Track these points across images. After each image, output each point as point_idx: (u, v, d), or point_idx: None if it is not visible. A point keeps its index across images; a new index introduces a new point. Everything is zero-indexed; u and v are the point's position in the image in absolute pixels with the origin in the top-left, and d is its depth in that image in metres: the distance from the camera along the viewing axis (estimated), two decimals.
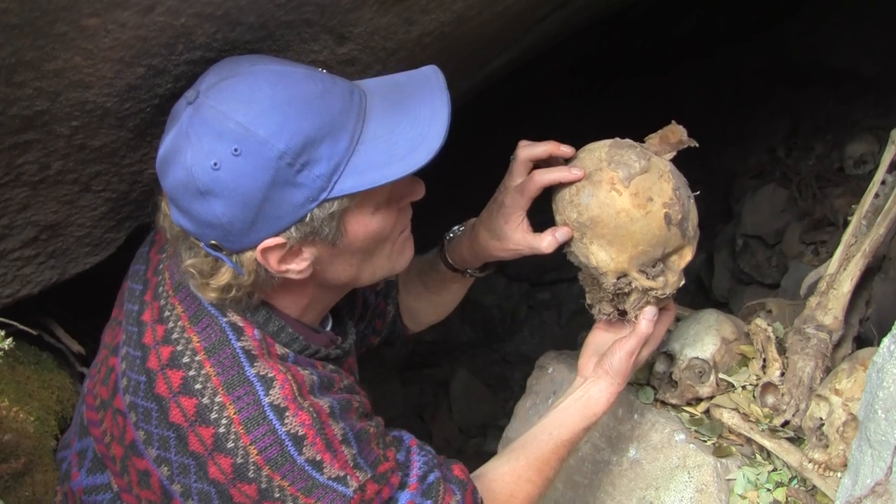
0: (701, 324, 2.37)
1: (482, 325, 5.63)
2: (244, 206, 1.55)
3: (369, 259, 1.77)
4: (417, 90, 1.68)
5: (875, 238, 2.28)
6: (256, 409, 1.63)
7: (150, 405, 1.69)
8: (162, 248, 1.87)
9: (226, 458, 1.62)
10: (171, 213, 1.65)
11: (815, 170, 4.22)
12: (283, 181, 1.55)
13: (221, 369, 1.66)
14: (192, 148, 1.54)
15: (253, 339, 1.70)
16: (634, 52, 5.60)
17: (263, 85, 1.57)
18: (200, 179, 1.54)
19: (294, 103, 1.56)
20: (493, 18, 2.25)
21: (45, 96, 1.58)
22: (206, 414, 1.64)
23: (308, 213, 1.59)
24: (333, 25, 1.85)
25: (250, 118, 1.53)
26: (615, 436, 2.32)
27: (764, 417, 2.24)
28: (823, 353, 2.23)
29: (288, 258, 1.65)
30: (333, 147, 1.57)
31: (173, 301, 1.75)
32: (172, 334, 1.71)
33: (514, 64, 3.17)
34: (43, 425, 2.11)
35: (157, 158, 1.62)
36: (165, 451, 1.67)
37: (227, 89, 1.57)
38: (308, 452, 1.63)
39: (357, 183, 1.58)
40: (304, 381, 1.70)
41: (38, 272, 2.06)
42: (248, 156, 1.53)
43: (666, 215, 1.90)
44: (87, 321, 2.61)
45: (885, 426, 1.76)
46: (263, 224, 1.58)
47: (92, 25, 1.48)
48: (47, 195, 1.85)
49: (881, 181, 2.38)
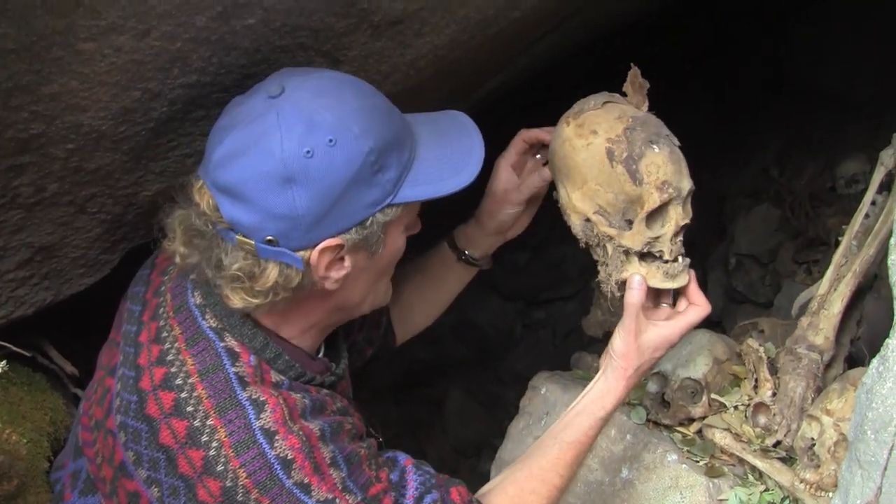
0: (693, 344, 2.39)
1: (476, 344, 5.63)
2: (324, 198, 1.60)
3: (378, 283, 1.86)
4: (454, 126, 1.85)
5: (865, 258, 2.29)
6: (247, 432, 1.65)
7: (140, 426, 1.70)
8: (164, 270, 1.89)
9: (215, 480, 1.62)
10: (222, 207, 1.63)
11: (807, 189, 4.24)
12: (363, 179, 1.62)
13: (213, 392, 1.68)
14: (284, 136, 1.58)
15: (248, 366, 1.72)
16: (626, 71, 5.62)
17: (348, 88, 1.68)
18: (290, 166, 1.57)
19: (376, 110, 1.68)
20: (486, 42, 2.27)
21: (41, 120, 1.60)
22: (196, 436, 1.65)
23: (371, 216, 1.67)
24: (328, 49, 1.87)
25: (342, 114, 1.61)
26: (608, 456, 2.33)
27: (756, 437, 2.24)
28: (815, 374, 2.24)
29: (333, 264, 1.70)
30: (400, 157, 1.69)
31: (172, 322, 1.77)
32: (168, 356, 1.73)
33: (510, 84, 3.19)
34: (36, 447, 2.11)
35: (218, 153, 1.62)
36: (155, 472, 1.68)
37: (315, 87, 1.64)
38: (296, 476, 1.64)
39: (414, 193, 1.71)
40: (295, 404, 1.71)
41: (33, 293, 2.06)
42: (342, 147, 1.59)
43: (608, 150, 1.88)
44: (81, 341, 2.62)
45: (874, 447, 1.77)
46: (332, 221, 1.63)
47: (88, 50, 1.49)
48: (42, 217, 1.86)
49: (871, 202, 2.40)
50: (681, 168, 1.90)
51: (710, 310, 1.97)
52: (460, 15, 2.03)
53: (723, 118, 5.33)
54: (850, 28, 4.64)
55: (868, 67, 4.52)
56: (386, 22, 1.89)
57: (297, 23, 1.72)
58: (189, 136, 1.89)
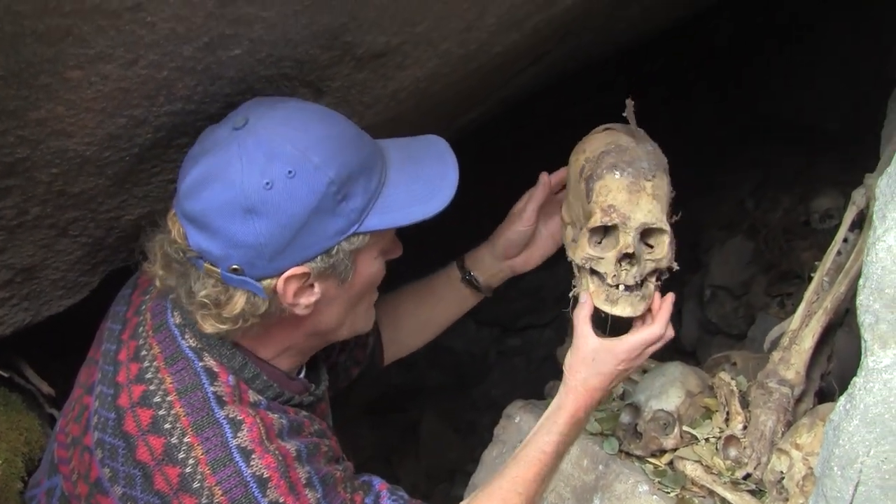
0: (666, 376, 2.41)
1: (451, 370, 5.63)
2: (285, 228, 1.61)
3: (354, 309, 1.85)
4: (427, 150, 1.84)
5: (836, 295, 2.33)
6: (223, 450, 1.66)
7: (117, 442, 1.70)
8: (146, 290, 1.90)
9: (191, 497, 1.64)
10: (189, 237, 1.66)
11: (782, 223, 4.28)
12: (325, 208, 1.63)
13: (191, 410, 1.69)
14: (245, 168, 1.59)
15: (226, 385, 1.73)
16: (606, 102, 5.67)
17: (314, 116, 1.70)
18: (250, 197, 1.59)
19: (341, 138, 1.68)
20: (467, 75, 2.30)
21: (27, 144, 1.61)
22: (173, 453, 1.66)
23: (336, 244, 1.67)
24: (311, 80, 1.89)
25: (305, 146, 1.62)
26: (580, 486, 2.34)
27: (726, 470, 2.26)
28: (785, 408, 2.27)
29: (301, 291, 1.70)
30: (367, 185, 1.69)
31: (151, 341, 1.78)
32: (146, 374, 1.74)
33: (489, 116, 3.21)
34: (10, 467, 2.11)
35: (185, 183, 1.65)
36: (131, 489, 1.68)
37: (280, 118, 1.66)
38: (271, 495, 1.65)
39: (382, 221, 1.71)
40: (272, 424, 1.73)
41: (12, 314, 2.06)
42: (302, 178, 1.60)
43: (581, 167, 2.00)
44: (59, 361, 2.61)
45: (840, 483, 1.80)
46: (295, 250, 1.64)
47: (75, 77, 1.51)
48: (24, 239, 1.87)
49: (843, 239, 2.43)
50: (637, 200, 1.93)
51: (663, 334, 1.97)
52: (442, 49, 2.06)
53: (699, 151, 5.37)
54: (825, 65, 4.71)
55: (842, 104, 4.59)
56: (369, 55, 1.91)
57: (281, 54, 1.74)
58: (172, 163, 1.91)
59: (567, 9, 2.29)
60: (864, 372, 1.81)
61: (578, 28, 2.63)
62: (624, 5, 2.77)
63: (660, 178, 1.97)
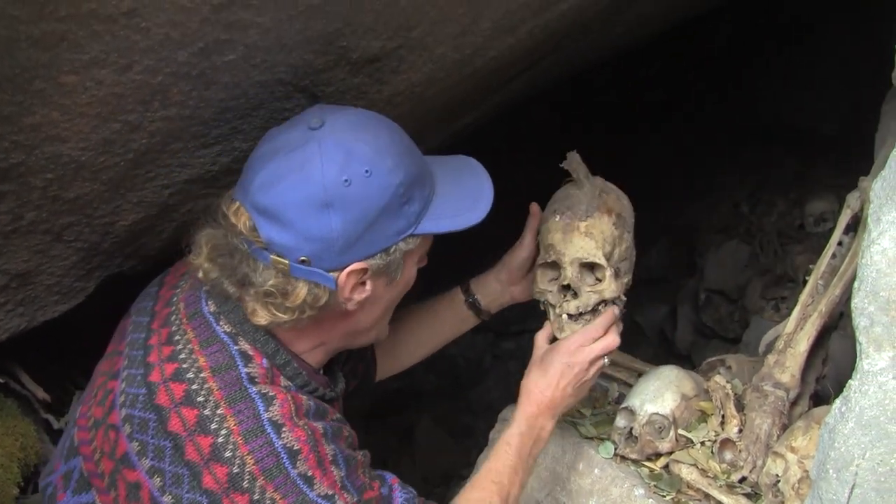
0: (661, 380, 2.41)
1: (447, 374, 5.63)
2: (357, 224, 1.72)
3: (386, 315, 2.00)
4: (464, 166, 1.98)
5: (831, 299, 2.33)
6: (256, 422, 1.71)
7: (148, 415, 1.74)
8: (175, 285, 1.97)
9: (222, 466, 1.68)
10: (260, 228, 1.73)
11: (777, 227, 4.29)
12: (392, 209, 1.75)
13: (224, 385, 1.75)
14: (325, 164, 1.69)
15: (260, 367, 1.80)
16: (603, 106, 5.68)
17: (380, 124, 1.82)
18: (329, 192, 1.69)
19: (404, 146, 1.82)
20: (462, 80, 2.30)
21: (22, 149, 1.61)
22: (206, 424, 1.70)
23: (394, 244, 1.79)
24: (306, 85, 1.90)
25: (378, 148, 1.74)
26: (575, 489, 2.35)
27: (722, 473, 2.26)
28: (780, 411, 2.27)
29: (356, 287, 1.81)
30: (422, 191, 1.82)
31: (186, 327, 1.84)
32: (180, 354, 1.79)
33: (483, 119, 3.22)
34: (6, 472, 2.11)
35: (260, 178, 1.73)
36: (159, 462, 1.71)
37: (353, 122, 1.77)
38: (301, 467, 1.70)
39: (433, 226, 1.84)
40: (302, 403, 1.80)
41: (7, 319, 2.06)
42: (377, 178, 1.72)
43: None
44: (55, 366, 2.61)
45: (835, 485, 1.81)
46: (362, 246, 1.75)
47: (70, 82, 1.51)
48: (19, 244, 1.87)
49: (838, 242, 2.43)
50: (571, 238, 2.18)
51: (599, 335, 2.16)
52: (437, 53, 2.06)
53: (695, 155, 5.38)
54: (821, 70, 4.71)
55: (837, 108, 4.60)
56: (364, 59, 1.92)
57: (276, 59, 1.74)
58: (167, 168, 1.91)
59: (562, 14, 2.29)
60: (859, 375, 1.81)
61: (574, 33, 2.63)
62: (620, 10, 2.77)
63: (597, 218, 2.19)
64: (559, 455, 2.41)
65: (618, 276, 2.21)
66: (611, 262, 2.19)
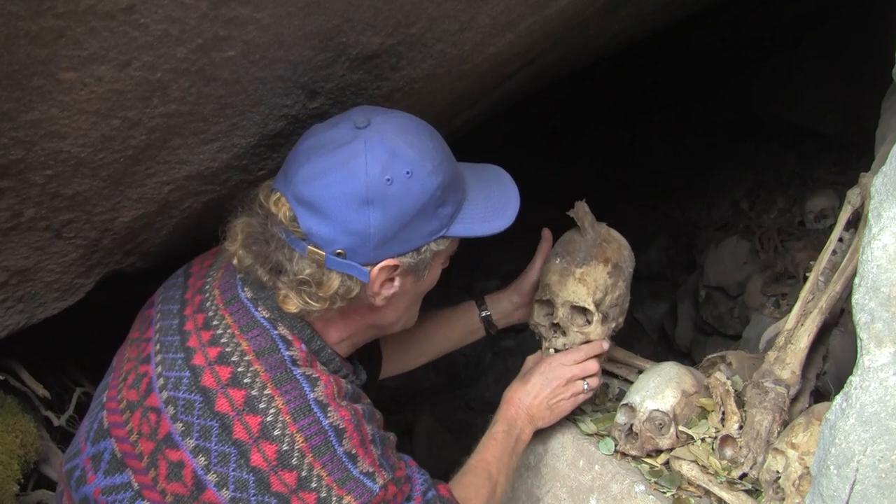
0: (662, 376, 2.41)
1: (446, 372, 5.63)
2: (394, 222, 1.79)
3: (412, 307, 2.08)
4: (492, 175, 2.07)
5: (832, 295, 2.33)
6: (303, 401, 1.77)
7: (193, 397, 1.78)
8: (204, 274, 2.01)
9: (272, 444, 1.73)
10: (301, 219, 1.80)
11: (777, 223, 4.28)
12: (428, 210, 1.83)
13: (269, 367, 1.80)
14: (369, 162, 1.76)
15: (301, 351, 1.86)
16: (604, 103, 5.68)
17: (422, 129, 1.89)
18: (371, 189, 1.76)
19: (443, 151, 1.89)
20: (462, 76, 2.30)
21: (21, 146, 1.61)
22: (254, 404, 1.76)
23: (426, 244, 1.88)
24: (305, 81, 1.90)
25: (421, 151, 1.82)
26: (576, 486, 2.35)
27: (722, 470, 2.26)
28: (781, 407, 2.27)
29: (385, 283, 1.88)
30: (455, 195, 1.90)
31: (223, 313, 1.89)
32: (221, 338, 1.84)
33: (483, 117, 3.21)
34: (6, 469, 2.11)
35: (304, 171, 1.79)
36: (205, 441, 1.75)
37: (397, 124, 1.84)
38: (346, 445, 1.77)
39: (464, 229, 1.92)
40: (342, 386, 1.87)
41: (6, 316, 2.06)
42: (417, 179, 1.79)
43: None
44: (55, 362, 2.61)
45: (836, 482, 1.81)
46: (396, 243, 1.83)
47: (69, 79, 1.50)
48: (18, 241, 1.87)
49: (838, 238, 2.43)
50: (565, 283, 2.39)
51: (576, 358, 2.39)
52: (436, 50, 2.06)
53: (695, 152, 5.38)
54: (820, 67, 4.71)
55: (836, 105, 4.59)
56: (363, 56, 1.92)
57: (275, 55, 1.74)
58: (166, 164, 1.91)
59: (560, 10, 2.29)
60: (860, 371, 1.81)
61: (572, 29, 2.62)
62: (617, 7, 2.77)
63: (592, 266, 2.38)
64: (559, 452, 2.41)
65: (605, 321, 2.41)
66: (600, 308, 2.38)
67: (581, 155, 5.87)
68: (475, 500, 2.14)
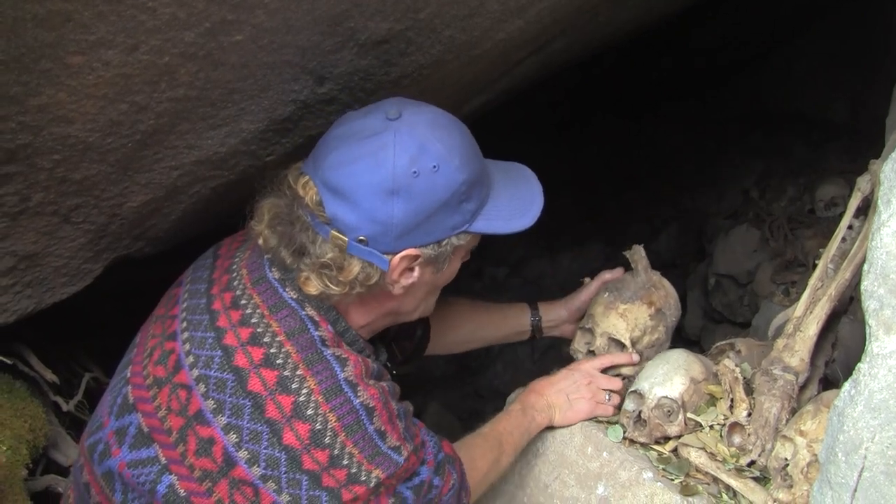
0: (670, 363, 2.41)
1: (456, 359, 5.63)
2: (418, 213, 1.83)
3: (429, 297, 2.11)
4: (518, 174, 2.10)
5: (841, 282, 2.32)
6: (334, 381, 1.81)
7: (225, 376, 1.81)
8: (232, 255, 2.04)
9: (304, 424, 1.76)
10: (326, 204, 1.83)
11: (786, 211, 4.27)
12: (451, 204, 1.86)
13: (300, 348, 1.83)
14: (398, 153, 1.80)
15: (328, 331, 1.90)
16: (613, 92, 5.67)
17: (453, 124, 1.91)
18: (398, 180, 1.79)
19: (472, 148, 1.92)
20: (470, 62, 2.29)
21: (29, 130, 1.61)
22: (287, 384, 1.79)
23: (447, 238, 1.91)
24: (314, 67, 1.90)
25: (449, 146, 1.84)
26: (584, 473, 2.34)
27: (730, 457, 2.26)
28: (789, 395, 2.26)
29: (405, 272, 1.91)
30: (480, 192, 1.93)
31: (251, 292, 1.91)
32: (252, 318, 1.87)
33: (491, 105, 3.21)
34: (15, 454, 2.11)
35: (334, 156, 1.82)
36: (237, 419, 1.78)
37: (428, 119, 1.87)
38: (377, 423, 1.82)
39: (486, 226, 1.95)
40: (369, 366, 1.91)
41: (15, 301, 2.07)
42: (443, 174, 1.82)
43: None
44: (64, 347, 2.62)
45: (844, 469, 1.80)
46: (418, 234, 1.86)
47: (77, 63, 1.50)
48: (27, 226, 1.87)
49: (848, 226, 2.42)
50: (608, 315, 2.55)
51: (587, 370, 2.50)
52: (445, 36, 2.06)
53: (705, 140, 5.37)
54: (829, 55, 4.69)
55: (845, 94, 4.58)
56: (372, 41, 1.91)
57: (284, 40, 1.74)
58: (174, 149, 1.91)
59: None
60: (868, 358, 1.81)
61: (581, 17, 2.62)
62: None
63: (637, 306, 2.54)
64: (567, 438, 2.41)
65: (640, 360, 2.53)
66: (636, 346, 2.52)
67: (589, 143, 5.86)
68: (480, 461, 2.21)
